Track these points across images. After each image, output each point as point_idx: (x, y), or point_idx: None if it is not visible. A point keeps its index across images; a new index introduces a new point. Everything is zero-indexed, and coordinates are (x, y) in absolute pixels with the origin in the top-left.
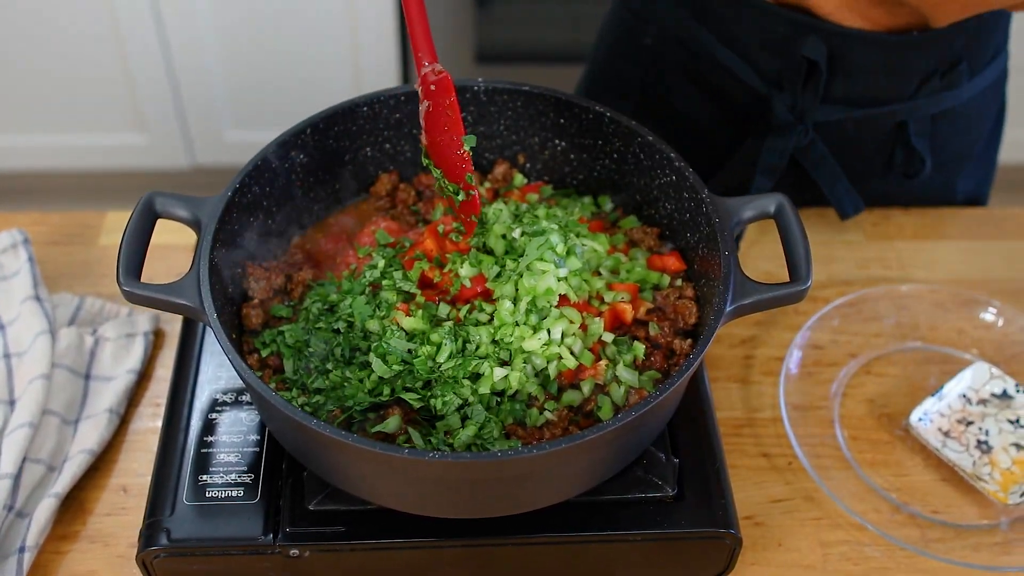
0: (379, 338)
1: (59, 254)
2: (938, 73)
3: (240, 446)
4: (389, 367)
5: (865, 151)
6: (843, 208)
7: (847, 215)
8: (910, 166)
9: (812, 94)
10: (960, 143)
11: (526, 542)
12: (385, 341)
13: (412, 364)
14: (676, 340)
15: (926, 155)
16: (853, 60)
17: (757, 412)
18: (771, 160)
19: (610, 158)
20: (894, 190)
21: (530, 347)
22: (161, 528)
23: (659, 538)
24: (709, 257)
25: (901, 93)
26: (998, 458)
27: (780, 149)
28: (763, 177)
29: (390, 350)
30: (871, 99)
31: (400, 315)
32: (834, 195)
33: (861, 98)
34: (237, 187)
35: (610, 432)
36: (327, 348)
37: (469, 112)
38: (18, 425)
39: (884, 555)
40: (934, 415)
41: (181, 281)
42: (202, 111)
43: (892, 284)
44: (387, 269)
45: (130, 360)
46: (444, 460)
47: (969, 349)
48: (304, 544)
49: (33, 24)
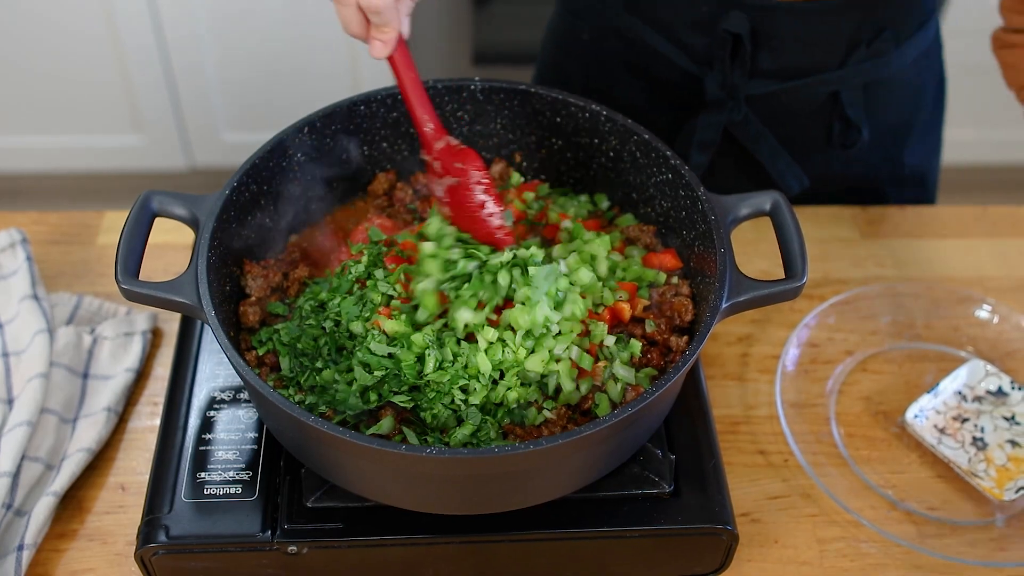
0: (361, 342)
1: (57, 253)
2: (864, 42)
3: (238, 444)
4: (372, 375)
5: (802, 125)
6: (786, 183)
7: (791, 190)
8: (847, 137)
9: (740, 69)
10: (897, 113)
11: (523, 538)
12: (366, 347)
13: (398, 368)
14: (672, 337)
15: (862, 125)
16: (776, 32)
17: (753, 409)
18: (705, 136)
19: (606, 156)
20: (838, 165)
21: (532, 366)
22: (160, 525)
23: (656, 534)
24: (705, 254)
25: (828, 63)
26: (993, 455)
27: (713, 124)
28: (698, 152)
29: (371, 358)
30: (800, 71)
31: (382, 319)
32: (776, 170)
33: (789, 70)
34: (235, 185)
35: (606, 428)
36: (316, 346)
37: (466, 111)
38: (16, 424)
39: (880, 551)
40: (930, 412)
41: (179, 279)
42: (199, 112)
43: (887, 282)
44: (371, 267)
45: (128, 359)
46: (441, 456)
47: (964, 347)
48: (302, 541)
49: (31, 26)
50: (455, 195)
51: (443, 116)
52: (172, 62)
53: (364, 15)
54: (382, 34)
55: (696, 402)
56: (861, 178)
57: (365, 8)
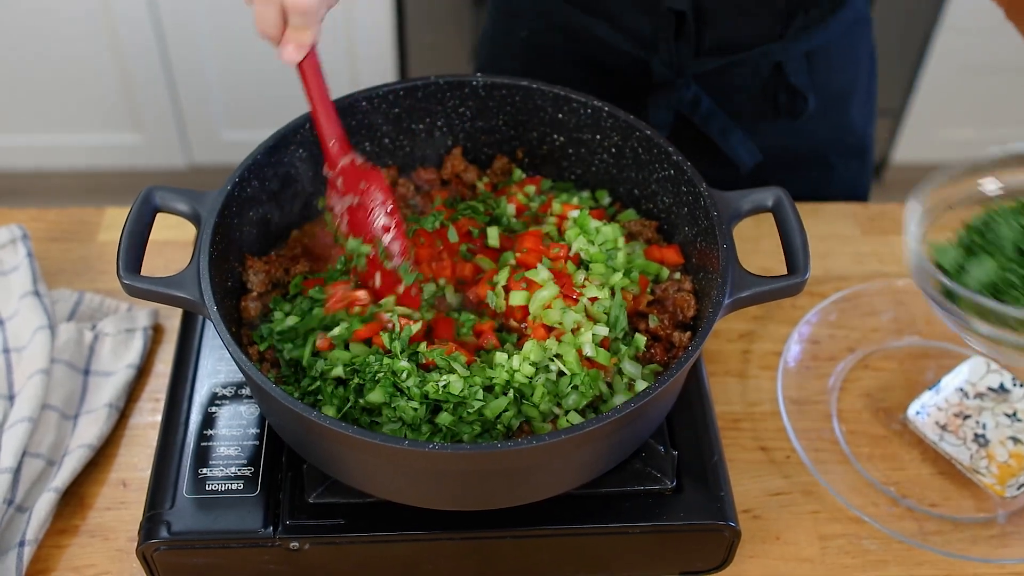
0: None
1: (58, 250)
2: (801, 10)
3: (240, 439)
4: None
5: (750, 98)
6: (740, 158)
7: (745, 165)
8: (794, 106)
9: (686, 47)
10: (838, 81)
11: (526, 534)
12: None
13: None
14: (675, 333)
15: (808, 93)
16: (716, 6)
17: (755, 406)
18: (657, 118)
19: (608, 152)
20: (787, 137)
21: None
22: (161, 521)
23: (658, 530)
24: (707, 251)
25: (770, 34)
26: (995, 451)
27: (664, 105)
28: None
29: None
30: (743, 45)
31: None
32: (728, 146)
33: (732, 45)
34: (237, 181)
35: (610, 424)
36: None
37: (467, 107)
38: (18, 420)
39: (882, 548)
40: (931, 409)
41: (181, 274)
42: (198, 110)
43: (889, 278)
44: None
45: (129, 355)
46: (444, 451)
47: (966, 344)
48: (304, 537)
49: (30, 24)
50: (354, 215)
51: (445, 112)
52: (171, 60)
53: (283, 16)
54: (300, 37)
55: (698, 398)
56: (809, 149)
57: (291, 8)
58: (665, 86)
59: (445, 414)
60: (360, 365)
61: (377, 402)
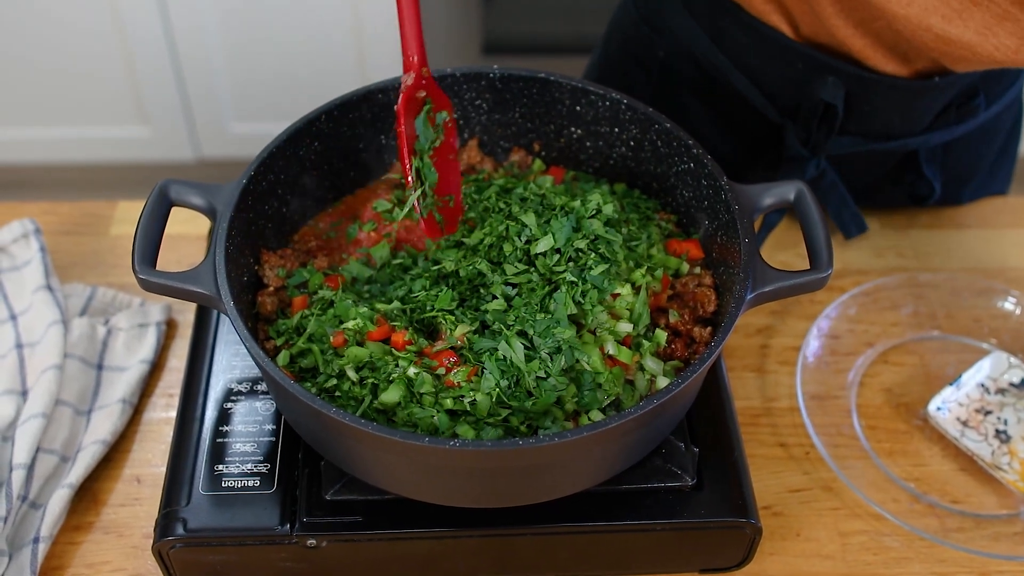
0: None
1: (70, 244)
2: (953, 106)
3: (256, 436)
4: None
5: (874, 176)
6: (847, 230)
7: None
8: (918, 189)
9: (826, 131)
10: (970, 162)
11: (545, 532)
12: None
13: None
14: (696, 328)
15: (936, 181)
16: (871, 101)
17: (774, 401)
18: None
19: (627, 145)
20: (896, 205)
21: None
22: (177, 518)
23: (679, 527)
24: (728, 245)
25: (915, 128)
26: (1017, 447)
27: (788, 176)
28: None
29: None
30: (885, 134)
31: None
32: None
33: (874, 133)
34: (252, 174)
35: (631, 421)
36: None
37: (484, 99)
38: (31, 415)
39: (903, 545)
40: (952, 404)
41: (197, 269)
42: (206, 104)
43: (908, 273)
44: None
45: (143, 350)
46: (464, 448)
47: (987, 338)
48: (321, 534)
49: (37, 18)
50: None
51: (461, 104)
52: (179, 53)
53: None
54: None
55: (718, 394)
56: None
57: None
58: (796, 161)
59: (466, 427)
60: (378, 363)
61: (391, 403)
